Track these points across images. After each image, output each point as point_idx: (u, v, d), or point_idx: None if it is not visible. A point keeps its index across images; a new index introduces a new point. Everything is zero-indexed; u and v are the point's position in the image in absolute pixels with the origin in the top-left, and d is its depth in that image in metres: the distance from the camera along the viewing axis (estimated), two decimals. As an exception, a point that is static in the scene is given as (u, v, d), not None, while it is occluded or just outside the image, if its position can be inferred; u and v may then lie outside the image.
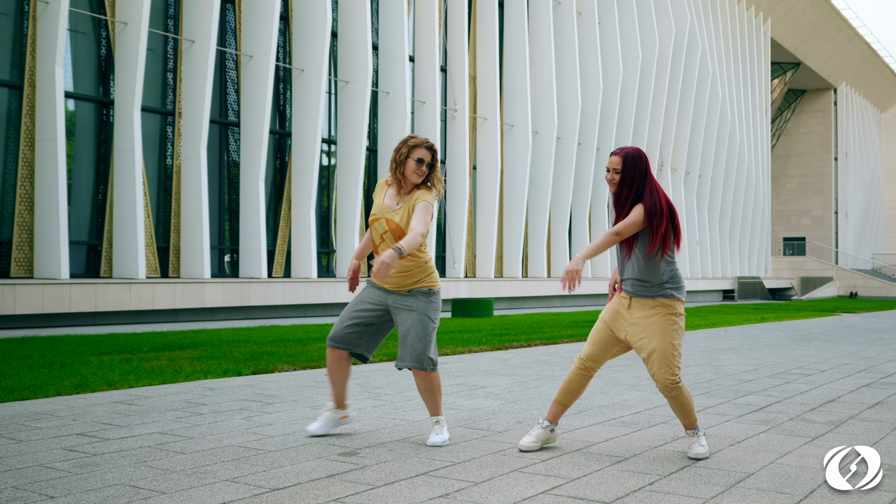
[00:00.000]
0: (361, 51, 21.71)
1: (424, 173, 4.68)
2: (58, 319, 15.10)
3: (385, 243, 4.72)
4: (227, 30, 20.21)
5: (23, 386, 6.49)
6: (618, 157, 4.45)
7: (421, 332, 4.69)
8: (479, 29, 27.02)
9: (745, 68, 45.18)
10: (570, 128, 29.53)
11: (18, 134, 16.11)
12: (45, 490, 3.69)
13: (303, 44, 20.93)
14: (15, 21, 16.38)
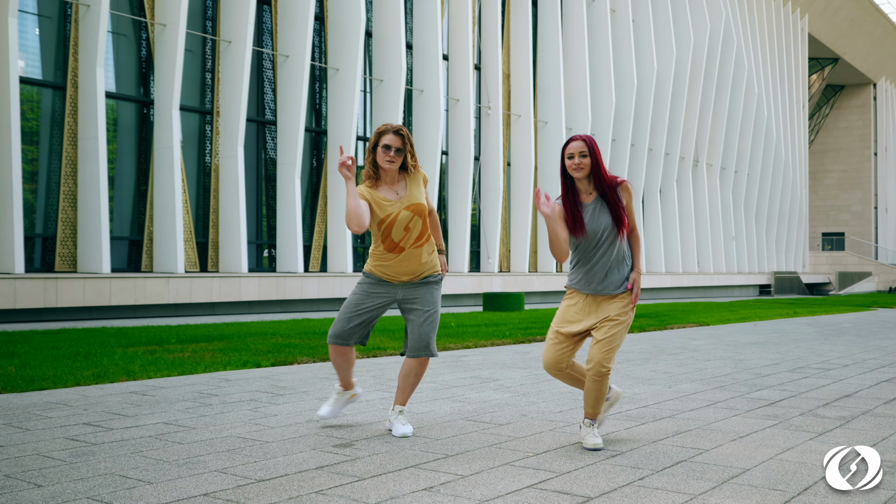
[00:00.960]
0: (395, 50, 21.65)
1: (394, 159, 4.54)
2: (99, 312, 15.26)
3: (411, 232, 4.58)
4: (263, 30, 20.28)
5: (43, 376, 6.52)
6: (581, 142, 4.33)
7: (436, 321, 4.71)
8: (513, 27, 26.81)
9: (782, 64, 44.32)
10: (603, 124, 29.19)
11: (62, 133, 16.32)
12: (36, 479, 3.65)
13: (338, 43, 20.92)
14: (58, 24, 16.58)
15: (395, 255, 4.62)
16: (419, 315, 4.66)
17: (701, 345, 10.79)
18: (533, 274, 26.22)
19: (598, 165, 4.34)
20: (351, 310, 4.70)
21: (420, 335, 4.66)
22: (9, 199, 14.60)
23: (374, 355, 8.82)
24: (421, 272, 4.67)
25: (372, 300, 4.70)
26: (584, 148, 4.31)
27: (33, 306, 14.29)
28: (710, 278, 35.46)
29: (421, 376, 4.76)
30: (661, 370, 7.89)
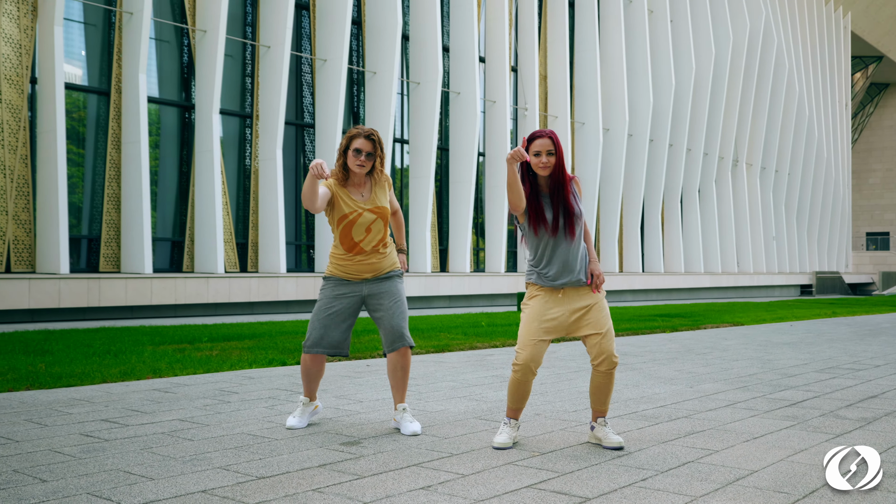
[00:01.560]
0: (432, 53, 21.62)
1: (364, 163, 4.54)
2: (140, 311, 15.46)
3: (372, 234, 4.61)
4: (302, 35, 20.39)
5: (71, 373, 6.58)
6: (548, 139, 4.19)
7: (405, 311, 4.71)
8: (550, 28, 26.62)
9: (824, 62, 43.44)
10: (641, 124, 28.86)
11: (106, 137, 16.56)
12: (42, 474, 3.66)
13: (375, 47, 20.96)
14: (103, 31, 16.84)
15: (354, 255, 4.61)
16: (388, 307, 4.64)
17: (731, 345, 10.58)
18: (570, 274, 25.97)
19: (561, 162, 4.24)
20: (323, 316, 4.66)
21: (392, 327, 4.64)
22: (54, 201, 14.85)
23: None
24: (382, 269, 4.67)
25: (340, 301, 4.66)
26: (552, 146, 4.18)
27: (77, 305, 14.51)
28: (750, 278, 34.87)
29: (408, 368, 4.72)
30: (686, 370, 7.73)
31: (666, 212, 31.41)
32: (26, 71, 15.36)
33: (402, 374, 4.70)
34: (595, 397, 4.39)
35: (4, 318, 13.80)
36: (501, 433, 4.32)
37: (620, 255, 29.39)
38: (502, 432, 4.32)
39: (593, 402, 4.40)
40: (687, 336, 11.97)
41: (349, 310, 4.66)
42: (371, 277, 4.66)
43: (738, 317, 16.43)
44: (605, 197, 28.13)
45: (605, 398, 4.37)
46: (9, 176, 15.11)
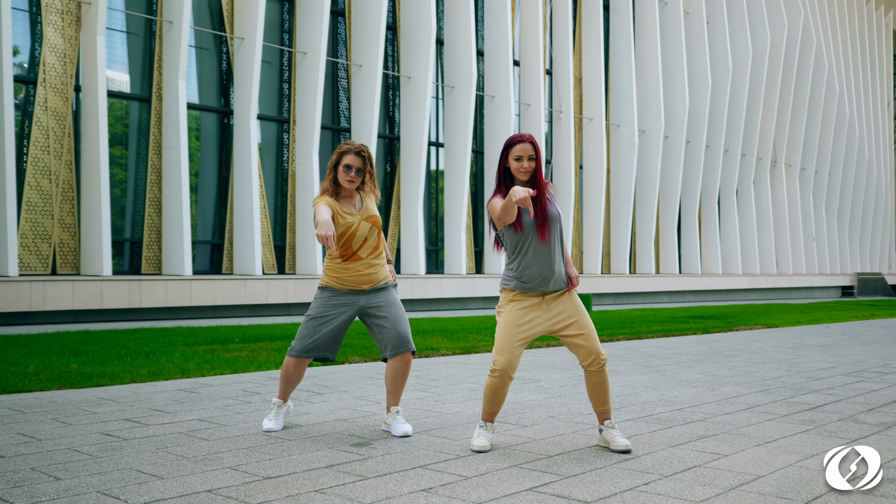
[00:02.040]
0: (466, 57, 21.63)
1: (354, 179, 4.57)
2: (180, 312, 15.68)
3: (368, 242, 4.64)
4: (338, 41, 20.52)
5: (101, 373, 6.70)
6: (529, 144, 4.16)
7: (407, 318, 4.74)
8: (585, 31, 26.47)
9: (865, 62, 42.59)
10: (677, 126, 28.56)
11: (148, 143, 16.83)
12: (57, 472, 3.73)
13: (410, 52, 21.02)
14: (144, 40, 17.12)
15: (352, 263, 4.61)
16: (392, 315, 4.65)
17: (761, 347, 10.41)
18: (605, 276, 25.82)
19: (539, 167, 4.22)
20: (318, 323, 4.64)
21: (398, 332, 4.65)
22: (97, 206, 15.13)
23: (426, 356, 8.79)
24: (378, 280, 4.69)
25: (336, 310, 4.65)
26: (532, 151, 4.16)
27: (119, 307, 14.77)
28: (790, 280, 34.30)
29: (408, 374, 4.75)
30: (710, 372, 7.63)
31: (703, 213, 31.04)
32: (70, 79, 15.68)
33: (401, 380, 4.71)
34: (594, 399, 4.35)
35: (50, 319, 14.09)
36: (479, 437, 4.29)
37: (657, 256, 29.11)
38: (479, 436, 4.29)
39: (594, 405, 4.36)
40: (717, 338, 11.81)
41: (345, 321, 4.66)
42: (368, 289, 4.67)
43: (772, 319, 16.17)
44: (640, 199, 27.88)
45: (603, 398, 4.33)
46: (54, 181, 15.43)
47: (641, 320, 15.00)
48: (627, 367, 8.06)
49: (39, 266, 15.22)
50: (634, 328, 12.90)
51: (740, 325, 14.16)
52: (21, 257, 14.94)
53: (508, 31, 22.83)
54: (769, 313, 18.41)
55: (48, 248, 15.34)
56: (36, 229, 15.23)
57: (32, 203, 15.19)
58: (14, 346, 8.61)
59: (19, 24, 15.42)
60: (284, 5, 19.45)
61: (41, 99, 15.33)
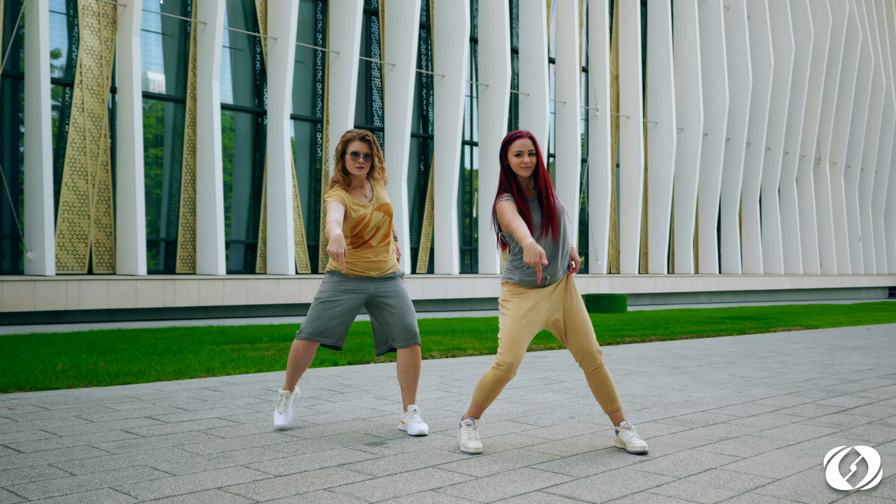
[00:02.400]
0: (500, 55, 21.60)
1: (363, 165, 4.59)
2: (213, 312, 15.88)
3: (381, 231, 4.65)
4: (371, 40, 20.62)
5: (128, 371, 6.81)
6: (528, 140, 4.14)
7: (413, 310, 4.75)
8: (622, 28, 26.28)
9: (914, 56, 41.64)
10: (717, 123, 28.23)
11: (182, 143, 17.07)
12: (73, 468, 3.81)
13: (443, 50, 21.05)
14: (179, 42, 17.37)
15: (362, 251, 4.64)
16: (399, 306, 4.67)
17: (798, 348, 10.26)
18: (643, 276, 25.61)
19: (540, 163, 4.21)
20: (330, 308, 4.66)
21: (405, 325, 4.67)
22: (132, 206, 15.39)
23: (452, 355, 8.79)
24: (387, 268, 4.71)
25: (345, 295, 4.67)
26: (532, 146, 4.15)
27: (153, 306, 15.00)
28: (834, 280, 33.71)
29: (419, 367, 4.75)
30: (741, 374, 7.54)
31: (744, 212, 30.64)
32: (106, 81, 15.96)
33: (414, 373, 4.72)
34: (601, 400, 4.34)
35: (85, 318, 14.36)
36: (472, 438, 4.24)
37: (696, 256, 28.81)
38: (472, 437, 4.25)
39: (603, 406, 4.34)
40: (753, 339, 11.66)
41: (355, 307, 4.69)
42: (376, 276, 4.69)
43: (813, 320, 15.92)
44: (679, 197, 27.61)
45: (609, 398, 4.30)
46: (91, 182, 15.72)
47: (676, 321, 14.85)
48: (656, 368, 7.99)
49: (76, 266, 15.52)
50: (668, 329, 12.79)
51: (778, 326, 13.96)
52: (58, 257, 15.24)
53: (543, 28, 22.75)
54: (810, 314, 18.12)
55: (84, 248, 15.63)
56: (73, 229, 15.52)
57: (69, 203, 15.49)
58: (46, 344, 8.80)
59: (57, 26, 15.74)
60: (318, 5, 19.60)
61: (78, 100, 15.62)
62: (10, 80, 15.14)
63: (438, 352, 8.80)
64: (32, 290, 13.78)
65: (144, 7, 16.60)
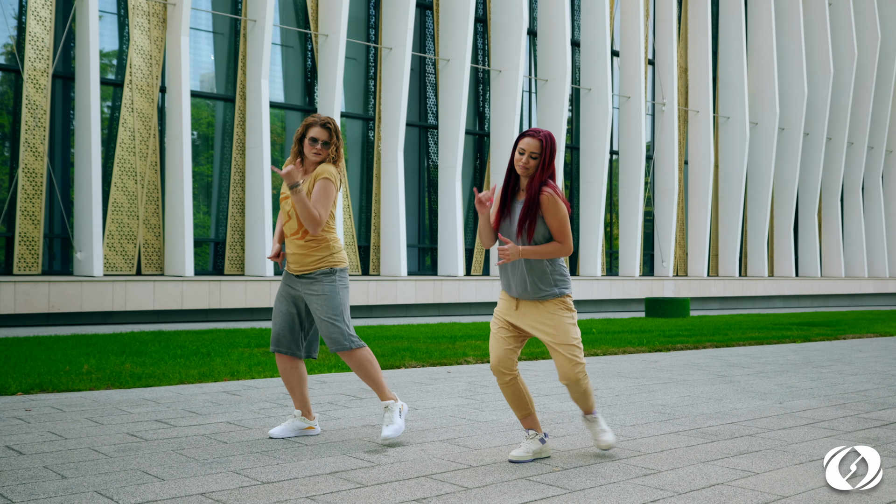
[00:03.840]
0: (560, 48, 21.48)
1: (320, 152, 4.57)
2: (260, 313, 16.18)
3: (291, 221, 4.64)
4: (426, 35, 20.73)
5: (152, 374, 7.00)
6: (537, 141, 4.09)
7: (331, 314, 4.58)
8: (691, 17, 25.86)
9: None
10: (794, 118, 27.55)
11: (231, 143, 17.44)
12: (66, 471, 3.94)
13: (500, 45, 21.03)
14: (229, 40, 17.74)
15: (287, 240, 4.68)
16: (314, 312, 4.63)
17: (862, 357, 9.96)
18: (712, 278, 25.15)
19: (539, 170, 4.10)
20: (274, 311, 4.78)
21: (320, 330, 4.65)
22: (180, 206, 15.78)
23: (485, 361, 8.79)
24: (305, 263, 4.61)
25: (280, 295, 4.73)
26: (537, 149, 4.09)
27: (198, 307, 15.35)
28: (924, 284, 32.55)
29: (364, 368, 4.63)
30: (789, 384, 7.36)
31: (824, 211, 29.84)
32: (156, 80, 16.40)
33: (361, 374, 4.69)
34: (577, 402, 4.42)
35: (131, 319, 14.78)
36: (518, 446, 4.29)
37: (770, 258, 28.16)
38: (519, 445, 4.30)
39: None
40: (817, 347, 11.35)
41: (287, 304, 4.70)
42: (298, 273, 4.66)
43: (890, 326, 15.41)
44: (752, 196, 27.04)
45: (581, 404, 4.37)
46: (140, 182, 16.18)
47: (739, 326, 14.56)
48: (700, 376, 7.86)
49: (125, 266, 15.98)
50: (727, 335, 12.54)
51: (849, 333, 13.56)
52: (107, 257, 15.72)
53: (606, 20, 22.54)
54: (890, 320, 17.54)
55: (133, 249, 16.08)
56: (122, 230, 16.00)
57: (118, 204, 15.96)
58: (80, 345, 9.09)
59: (107, 26, 16.24)
60: (370, 0, 19.79)
61: (127, 100, 16.09)
62: (61, 81, 15.69)
63: (474, 357, 8.81)
64: (79, 291, 14.24)
65: (194, 5, 17.00)
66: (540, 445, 4.28)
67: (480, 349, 9.57)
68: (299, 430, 4.78)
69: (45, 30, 15.25)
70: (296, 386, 4.80)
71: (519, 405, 4.30)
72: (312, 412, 4.87)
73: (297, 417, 4.79)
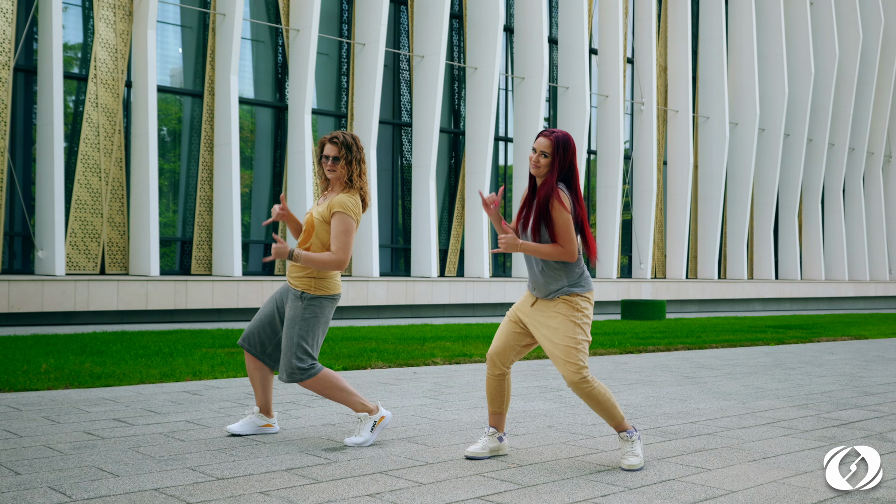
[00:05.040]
0: (537, 46, 21.67)
1: (333, 169, 4.64)
2: (228, 314, 16.23)
3: (301, 237, 4.78)
4: (400, 31, 20.86)
5: (111, 374, 7.08)
6: (548, 140, 4.22)
7: (289, 342, 4.61)
8: (671, 16, 26.16)
9: None
10: (774, 118, 27.91)
11: (199, 139, 17.48)
12: (20, 468, 4.03)
13: (476, 41, 21.19)
14: (197, 33, 17.78)
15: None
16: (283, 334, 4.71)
17: (833, 360, 10.19)
18: (690, 280, 25.44)
19: (551, 170, 4.23)
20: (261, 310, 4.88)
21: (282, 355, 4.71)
22: (146, 204, 15.81)
23: (457, 362, 8.93)
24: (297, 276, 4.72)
25: (272, 299, 4.85)
26: (549, 148, 4.21)
27: (164, 308, 15.39)
28: (904, 287, 33.06)
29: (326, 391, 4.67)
30: (755, 385, 7.55)
31: (804, 213, 30.24)
32: (122, 75, 16.42)
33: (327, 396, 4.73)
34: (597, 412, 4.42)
35: (95, 320, 14.79)
36: (474, 443, 4.43)
37: (750, 260, 28.51)
38: (476, 442, 4.43)
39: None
40: (789, 349, 11.59)
41: (271, 305, 4.81)
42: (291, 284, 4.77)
43: (865, 330, 15.72)
44: (732, 197, 27.37)
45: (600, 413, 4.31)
46: (104, 179, 16.18)
47: (714, 329, 14.79)
48: (668, 377, 8.04)
49: (88, 265, 15.98)
50: (700, 337, 12.76)
51: (824, 335, 13.82)
52: (70, 256, 15.72)
53: (585, 17, 22.76)
54: (866, 324, 17.86)
55: (97, 248, 16.08)
56: (85, 228, 15.99)
57: (82, 201, 15.96)
58: (40, 345, 9.14)
59: (71, 19, 16.23)
60: (343, -6, 19.89)
61: (92, 95, 16.09)
62: (23, 75, 15.67)
63: (442, 358, 8.95)
64: (41, 291, 14.24)
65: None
66: (498, 444, 4.41)
67: (449, 350, 9.71)
68: (257, 426, 4.87)
69: (6, 21, 15.24)
70: (259, 384, 4.87)
71: (496, 401, 4.44)
72: (272, 411, 4.96)
73: (256, 414, 4.88)
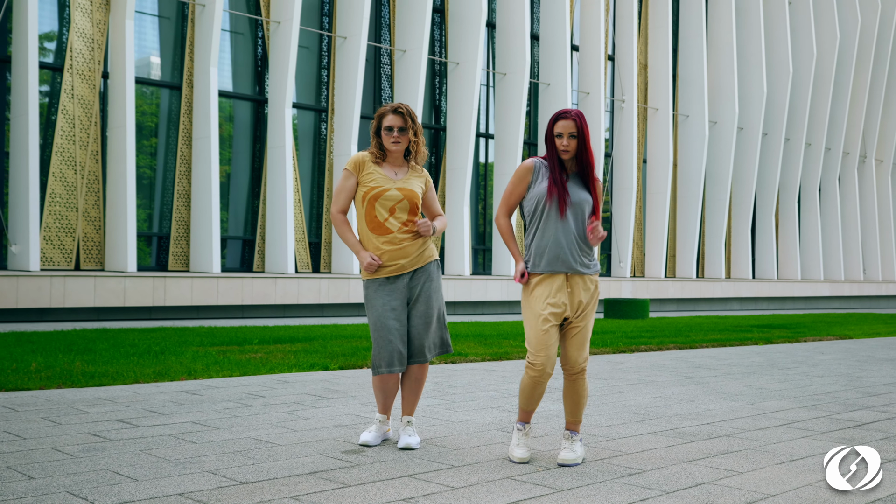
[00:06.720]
0: (519, 41, 21.64)
1: (399, 140, 4.53)
2: (207, 311, 16.03)
3: (396, 215, 4.54)
4: (381, 25, 20.72)
5: (104, 373, 6.93)
6: (571, 121, 4.24)
7: (439, 315, 4.65)
8: (652, 13, 26.25)
9: (970, 46, 41.28)
10: (753, 117, 28.13)
11: (177, 132, 17.24)
12: (33, 472, 3.91)
13: (458, 36, 21.12)
14: (176, 24, 17.54)
15: (380, 235, 4.54)
16: (423, 305, 4.60)
17: (826, 360, 10.25)
18: (669, 279, 25.57)
19: (584, 147, 4.28)
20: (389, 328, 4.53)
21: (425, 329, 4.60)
22: (122, 198, 15.56)
23: (452, 361, 8.86)
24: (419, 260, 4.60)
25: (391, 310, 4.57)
26: (574, 128, 4.24)
27: (142, 304, 15.17)
28: (878, 287, 33.51)
29: (422, 380, 4.71)
30: (758, 385, 7.56)
31: (781, 212, 30.52)
32: (98, 66, 16.15)
33: (417, 386, 4.70)
34: (566, 405, 4.43)
35: (70, 316, 14.54)
36: (518, 445, 4.35)
37: (728, 259, 28.73)
38: (519, 444, 4.36)
39: (566, 412, 4.44)
40: (779, 349, 11.65)
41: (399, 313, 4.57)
42: (411, 270, 4.58)
43: (848, 329, 15.87)
44: (711, 196, 27.55)
45: (574, 407, 4.39)
46: (80, 172, 15.91)
47: (700, 328, 14.85)
48: (668, 377, 8.03)
49: (63, 261, 15.71)
50: (689, 337, 12.80)
51: (810, 335, 13.93)
52: (44, 251, 15.44)
53: (566, 13, 22.77)
54: (847, 323, 18.05)
55: (72, 243, 15.82)
56: (60, 222, 15.72)
57: (57, 195, 15.68)
58: (24, 342, 8.95)
59: (46, 7, 15.93)
60: (324, -13, 19.73)
61: (67, 86, 15.81)
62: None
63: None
64: (15, 286, 13.97)
65: (139, -13, 16.78)
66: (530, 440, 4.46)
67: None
68: (384, 433, 4.72)
69: (-21, 9, 14.93)
70: (393, 394, 4.70)
71: (538, 400, 4.41)
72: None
73: (381, 422, 4.71)
